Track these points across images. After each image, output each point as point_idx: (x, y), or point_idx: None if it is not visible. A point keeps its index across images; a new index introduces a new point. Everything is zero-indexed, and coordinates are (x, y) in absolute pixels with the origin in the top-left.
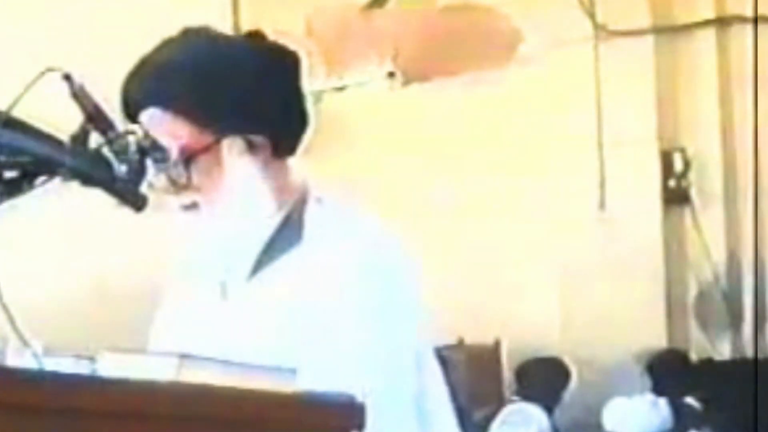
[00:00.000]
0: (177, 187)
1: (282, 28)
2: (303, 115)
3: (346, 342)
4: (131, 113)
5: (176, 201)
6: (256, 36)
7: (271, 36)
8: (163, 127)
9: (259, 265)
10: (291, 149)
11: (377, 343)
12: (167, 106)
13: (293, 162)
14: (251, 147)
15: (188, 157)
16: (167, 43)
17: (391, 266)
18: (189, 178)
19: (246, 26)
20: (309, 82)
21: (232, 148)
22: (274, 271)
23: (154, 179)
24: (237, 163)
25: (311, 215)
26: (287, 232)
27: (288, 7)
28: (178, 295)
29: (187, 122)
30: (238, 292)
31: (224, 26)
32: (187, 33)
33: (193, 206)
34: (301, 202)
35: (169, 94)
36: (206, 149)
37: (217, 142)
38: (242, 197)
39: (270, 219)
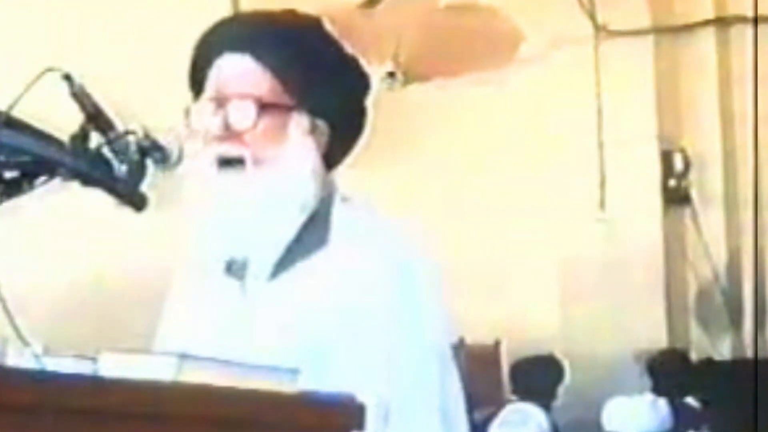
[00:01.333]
0: (229, 134)
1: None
2: (359, 130)
3: (373, 345)
4: (206, 56)
5: (217, 150)
6: (343, 45)
7: None
8: (249, 73)
9: (283, 264)
10: (339, 157)
11: (404, 346)
12: (261, 56)
13: None
14: (314, 132)
15: (260, 107)
16: (275, 11)
17: (418, 269)
18: (252, 129)
19: None
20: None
21: (299, 124)
22: (299, 273)
23: (208, 122)
24: (300, 138)
25: (338, 216)
26: (313, 232)
27: (288, 4)
28: (190, 291)
29: (274, 78)
30: (258, 292)
31: None
32: (293, 12)
33: (236, 162)
34: (328, 201)
35: (268, 46)
36: (279, 109)
37: (291, 109)
38: (297, 171)
39: (303, 212)
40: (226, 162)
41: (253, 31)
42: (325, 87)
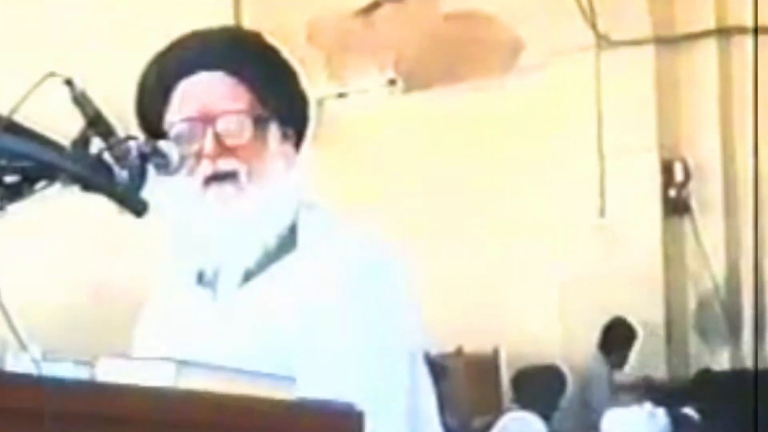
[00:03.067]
0: (221, 150)
1: (283, 32)
2: (307, 117)
3: (339, 348)
4: (174, 75)
5: (208, 168)
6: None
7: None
8: (228, 90)
9: (252, 271)
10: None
11: (371, 348)
12: (234, 72)
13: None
14: (285, 139)
15: (258, 121)
16: (213, 29)
17: (383, 272)
18: (247, 142)
19: None
20: (309, 90)
21: (275, 134)
22: (268, 278)
23: (200, 143)
24: (279, 149)
25: (304, 221)
26: (281, 237)
27: (289, 11)
28: (165, 300)
29: (250, 92)
30: (229, 299)
31: None
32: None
33: (228, 177)
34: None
35: (239, 60)
36: (259, 122)
37: (268, 121)
38: (287, 181)
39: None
40: (217, 177)
41: (221, 48)
42: (289, 96)
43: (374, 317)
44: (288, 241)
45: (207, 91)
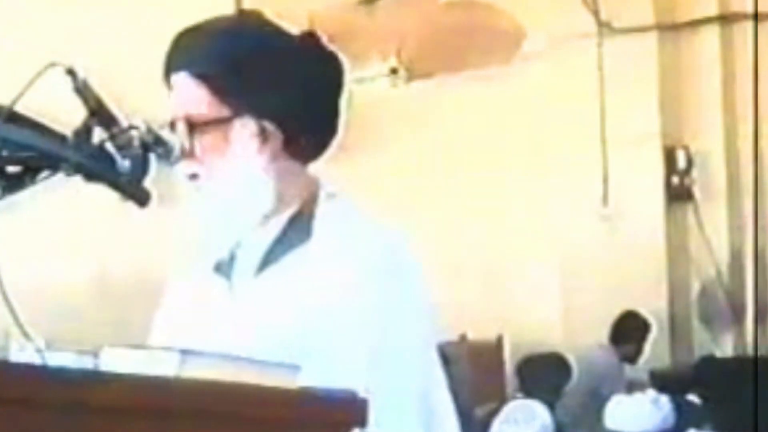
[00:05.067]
0: (185, 152)
1: (284, 22)
2: (330, 122)
3: (351, 340)
4: (166, 76)
5: (179, 168)
6: (309, 35)
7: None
8: (186, 91)
9: (268, 261)
10: (315, 151)
11: (383, 341)
12: (194, 72)
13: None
14: (263, 134)
15: (196, 125)
16: (220, 17)
17: (399, 265)
18: (191, 146)
19: None
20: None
21: (243, 130)
22: (282, 268)
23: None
24: (244, 145)
25: (322, 212)
26: (297, 228)
27: (288, 5)
28: (183, 288)
29: (209, 92)
30: (245, 289)
31: None
32: (241, 13)
33: (194, 177)
34: (312, 198)
35: (198, 60)
36: (218, 122)
37: (230, 119)
38: (242, 177)
39: (270, 214)
40: (190, 176)
41: (189, 46)
42: (267, 89)
43: (386, 311)
44: (304, 230)
45: (175, 94)
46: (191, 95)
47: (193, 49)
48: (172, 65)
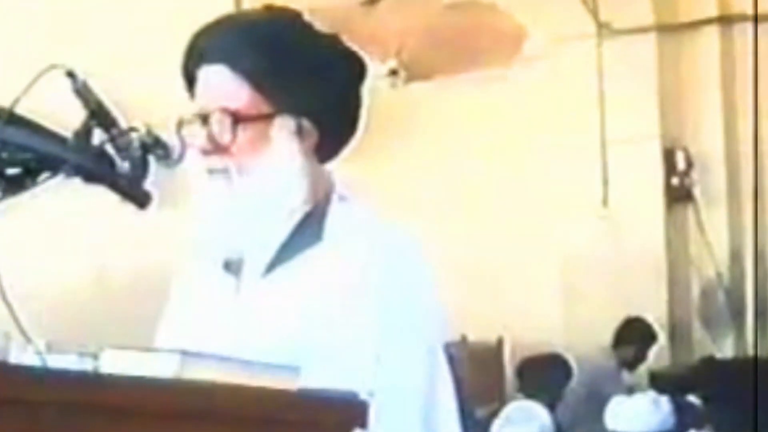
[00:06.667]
0: (214, 146)
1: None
2: (354, 121)
3: (357, 342)
4: (190, 67)
5: (204, 162)
6: (334, 36)
7: None
8: (224, 84)
9: (276, 261)
10: (333, 151)
11: (388, 343)
12: (236, 66)
13: None
14: (300, 132)
15: (239, 119)
16: (252, 11)
17: (408, 268)
18: (233, 142)
19: None
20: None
21: (282, 127)
22: (291, 269)
23: (191, 137)
24: (284, 142)
25: (333, 214)
26: (308, 229)
27: (290, 1)
28: (190, 288)
29: (251, 87)
30: (252, 289)
31: None
32: (271, 8)
33: (222, 171)
34: (325, 200)
35: (239, 54)
36: (259, 118)
37: (272, 115)
38: (281, 175)
39: (296, 208)
40: (213, 171)
41: (227, 39)
42: (306, 87)
43: (393, 314)
44: (315, 232)
45: (207, 87)
46: (230, 89)
47: (232, 42)
48: (205, 57)
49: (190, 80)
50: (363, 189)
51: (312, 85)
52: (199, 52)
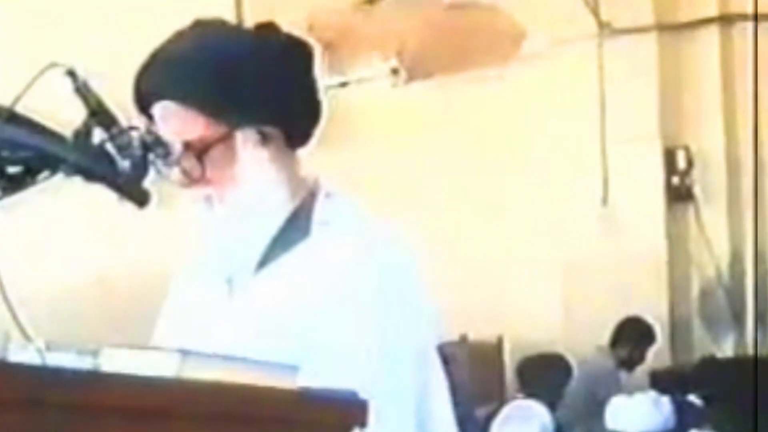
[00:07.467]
0: (190, 179)
1: (285, 22)
2: (316, 106)
3: (347, 338)
4: (144, 107)
5: (190, 194)
6: (268, 28)
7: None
8: (177, 119)
9: (266, 259)
10: (303, 140)
11: (379, 340)
12: (180, 99)
13: (303, 157)
14: (264, 139)
15: (202, 150)
16: (179, 36)
17: (396, 264)
18: (203, 171)
19: (249, 21)
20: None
21: (246, 141)
22: (280, 266)
23: (167, 172)
24: (251, 155)
25: (320, 210)
26: (295, 227)
27: (291, 2)
28: (185, 290)
29: (201, 114)
30: (243, 287)
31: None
32: (199, 25)
33: (207, 200)
34: (311, 197)
35: (181, 86)
36: (220, 141)
37: (231, 134)
38: (256, 189)
39: (280, 211)
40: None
41: (165, 74)
42: (255, 96)
43: (384, 311)
44: (302, 227)
45: (163, 122)
46: (184, 121)
47: (170, 77)
48: (150, 96)
49: (150, 118)
50: (363, 188)
51: (261, 92)
52: (144, 94)
